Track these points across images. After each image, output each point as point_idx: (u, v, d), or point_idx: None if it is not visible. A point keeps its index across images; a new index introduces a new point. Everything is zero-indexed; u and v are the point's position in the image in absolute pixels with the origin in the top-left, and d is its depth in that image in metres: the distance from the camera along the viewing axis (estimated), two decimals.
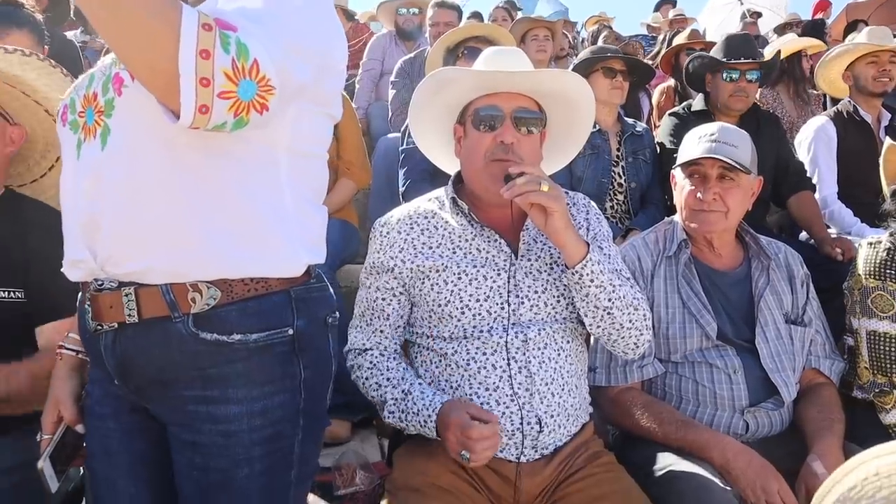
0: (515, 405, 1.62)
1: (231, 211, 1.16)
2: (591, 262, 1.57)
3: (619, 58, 3.24)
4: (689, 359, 1.98)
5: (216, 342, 1.17)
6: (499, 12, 6.42)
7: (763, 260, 2.12)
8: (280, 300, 1.22)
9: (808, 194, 3.23)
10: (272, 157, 1.20)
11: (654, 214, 3.14)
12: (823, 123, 3.51)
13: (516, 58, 1.80)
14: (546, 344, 1.67)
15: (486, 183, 1.67)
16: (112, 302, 1.18)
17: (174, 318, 1.16)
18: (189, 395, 1.19)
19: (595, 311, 1.62)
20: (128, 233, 1.14)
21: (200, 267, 1.16)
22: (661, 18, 9.25)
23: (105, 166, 1.13)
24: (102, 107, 1.14)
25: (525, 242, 1.72)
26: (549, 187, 1.53)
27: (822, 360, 2.10)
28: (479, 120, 1.69)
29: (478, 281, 1.67)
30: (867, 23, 7.29)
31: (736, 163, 1.97)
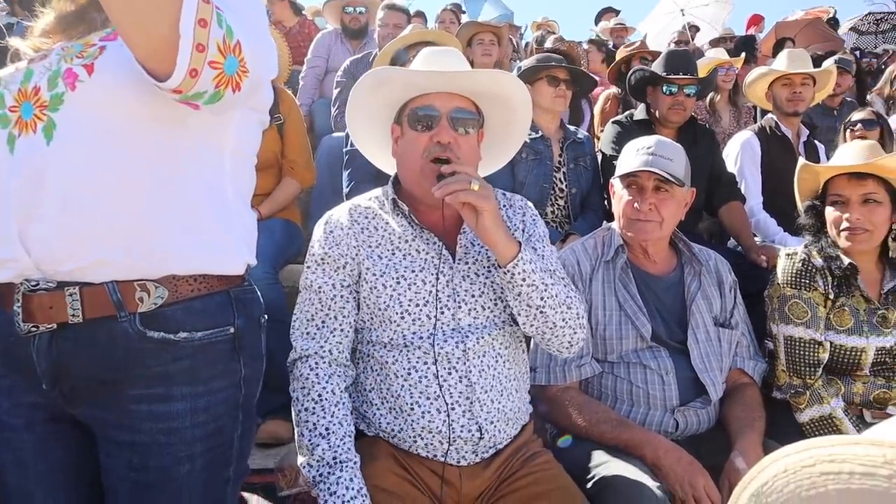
0: (456, 414, 1.63)
1: (180, 209, 1.18)
2: (523, 262, 1.59)
3: (563, 67, 3.31)
4: (625, 359, 2.07)
5: (163, 340, 1.17)
6: (446, 14, 6.46)
7: (695, 266, 2.23)
8: (222, 299, 1.25)
9: (737, 204, 3.40)
10: (219, 159, 1.25)
11: (593, 220, 3.23)
12: (749, 138, 3.71)
13: (453, 58, 1.80)
14: (485, 352, 1.68)
15: (421, 182, 1.67)
16: (52, 302, 1.14)
17: (120, 317, 1.15)
18: (131, 394, 1.18)
19: (528, 309, 1.64)
20: (74, 228, 1.12)
21: (149, 263, 1.16)
22: (606, 27, 9.48)
23: (50, 161, 1.11)
24: (47, 101, 1.12)
25: (462, 245, 1.73)
26: (479, 186, 1.55)
27: (746, 362, 2.23)
28: (416, 120, 1.70)
29: (416, 286, 1.67)
30: (794, 41, 7.69)
31: (671, 175, 2.07)
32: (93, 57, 1.12)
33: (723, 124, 5.01)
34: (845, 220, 2.21)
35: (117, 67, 1.11)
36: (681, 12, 9.04)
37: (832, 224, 2.27)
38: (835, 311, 2.24)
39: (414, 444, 1.65)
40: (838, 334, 2.22)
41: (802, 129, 3.81)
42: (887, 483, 0.47)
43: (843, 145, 2.73)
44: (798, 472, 0.54)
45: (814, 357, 2.19)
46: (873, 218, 2.19)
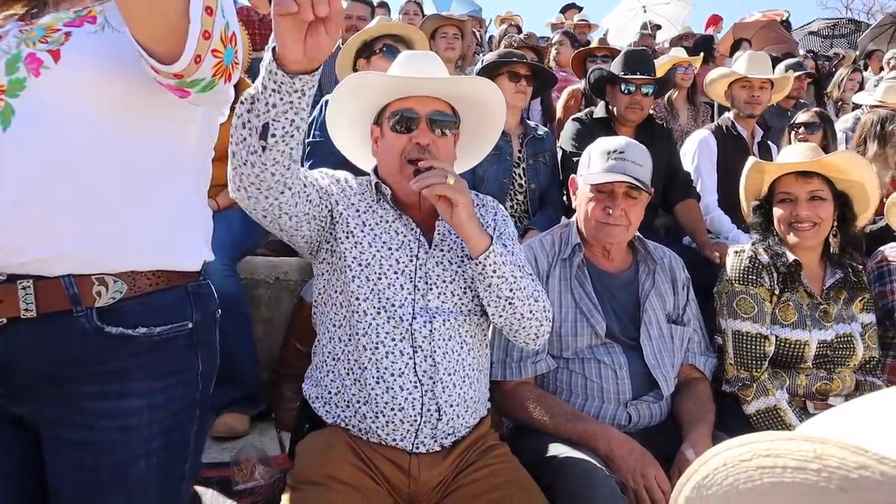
0: (419, 391, 1.67)
1: (141, 203, 1.17)
2: (494, 254, 1.67)
3: (524, 63, 3.34)
4: (580, 355, 2.11)
5: (120, 336, 1.15)
6: (410, 6, 6.46)
7: (650, 264, 2.28)
8: (180, 294, 1.24)
9: (692, 202, 3.47)
10: (181, 155, 1.24)
11: (552, 215, 3.27)
12: (706, 136, 3.80)
13: (432, 62, 1.87)
14: (451, 336, 1.74)
15: (400, 180, 1.75)
16: (3, 296, 1.10)
17: (76, 312, 1.12)
18: (86, 390, 1.15)
19: (497, 300, 1.71)
20: (29, 219, 1.08)
21: (108, 257, 1.14)
22: (563, 19, 9.57)
23: (6, 148, 1.06)
24: (4, 86, 1.07)
25: (440, 233, 1.80)
26: (454, 181, 1.62)
27: (697, 357, 2.29)
28: (396, 122, 1.76)
29: (393, 258, 1.74)
30: (751, 42, 7.87)
31: (642, 183, 2.12)
32: (58, 43, 1.09)
33: (681, 122, 5.10)
34: (794, 217, 2.31)
35: (85, 56, 1.09)
36: (643, 9, 9.19)
37: (781, 221, 2.36)
38: (780, 306, 2.33)
39: (375, 421, 1.67)
40: (783, 328, 2.31)
41: (757, 130, 3.93)
42: (816, 476, 0.49)
43: (787, 147, 2.83)
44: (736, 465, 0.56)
45: (760, 350, 2.27)
46: (820, 213, 2.30)
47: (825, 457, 0.50)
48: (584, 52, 5.20)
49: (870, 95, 4.97)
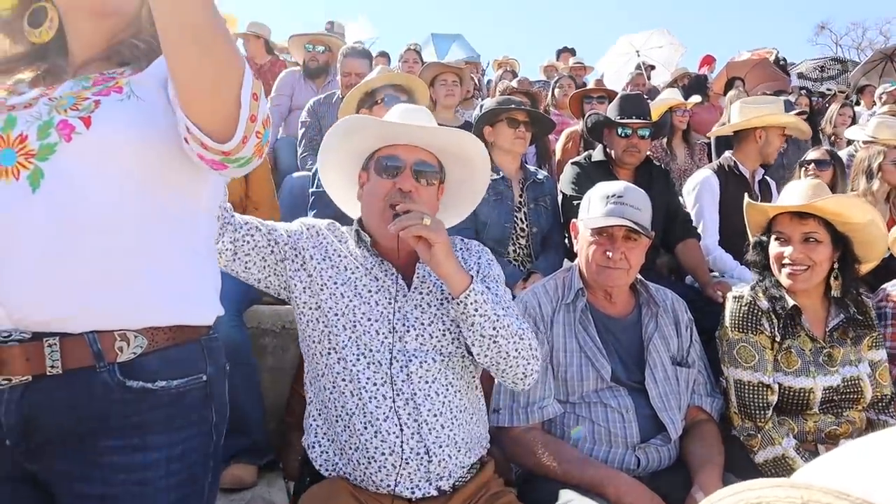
0: (404, 435, 1.69)
1: (161, 260, 1.21)
2: (475, 293, 1.69)
3: (522, 109, 3.41)
4: (586, 399, 2.12)
5: (141, 390, 1.18)
6: (409, 55, 6.59)
7: (652, 307, 2.30)
8: (194, 348, 1.27)
9: (693, 242, 3.50)
10: (194, 215, 1.29)
11: (555, 258, 3.31)
12: (708, 176, 3.79)
13: (422, 116, 1.94)
14: (433, 378, 1.76)
15: (380, 224, 1.78)
16: (29, 353, 1.11)
17: (99, 367, 1.14)
18: (106, 445, 1.17)
19: (481, 339, 1.71)
20: (55, 278, 1.11)
21: (129, 314, 1.17)
22: (556, 63, 9.75)
23: (34, 209, 1.10)
24: (35, 150, 1.12)
25: (419, 276, 1.84)
26: (431, 221, 1.66)
27: (704, 399, 2.29)
28: (382, 167, 1.82)
29: (369, 305, 1.77)
30: (744, 80, 8.01)
31: (641, 227, 2.15)
32: (89, 110, 1.14)
33: (678, 161, 5.18)
34: (787, 257, 2.29)
35: (114, 123, 1.15)
36: (636, 53, 9.37)
37: (774, 260, 2.35)
38: (782, 353, 2.30)
39: (368, 467, 1.69)
40: (786, 376, 2.27)
41: (758, 168, 3.93)
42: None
43: (791, 183, 2.84)
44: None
45: (763, 400, 2.23)
46: (813, 255, 2.26)
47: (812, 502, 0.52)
48: (581, 94, 5.30)
49: (861, 130, 5.04)
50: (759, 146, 3.79)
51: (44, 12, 1.24)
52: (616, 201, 2.21)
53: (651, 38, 9.79)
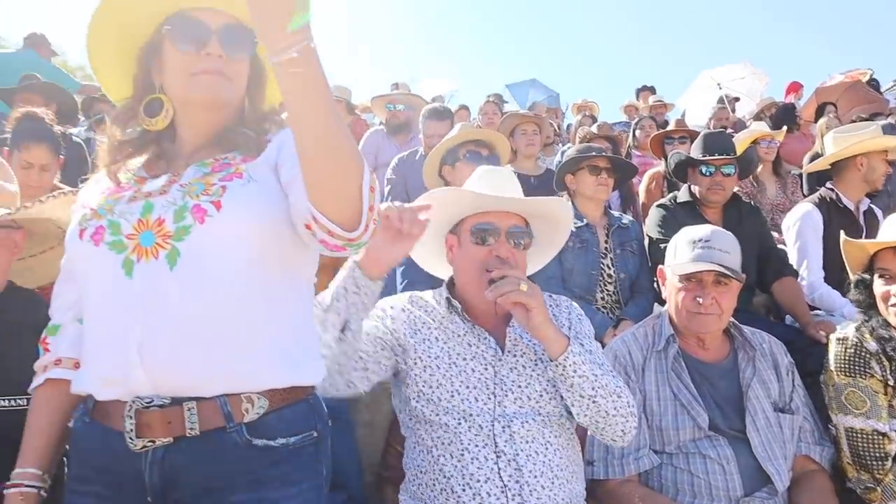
0: (506, 496, 1.69)
1: (279, 328, 1.33)
2: (573, 354, 1.72)
3: (603, 156, 3.43)
4: (683, 450, 2.06)
5: (265, 447, 1.28)
6: (489, 107, 6.72)
7: (748, 351, 2.23)
8: (305, 407, 1.37)
9: (790, 280, 3.36)
10: (302, 287, 1.42)
11: (644, 304, 3.25)
12: (809, 210, 3.59)
13: (508, 179, 2.02)
14: (533, 437, 1.76)
15: (479, 290, 1.82)
16: (171, 417, 1.23)
17: (229, 427, 1.25)
18: (233, 499, 1.26)
19: (580, 399, 1.73)
20: (191, 348, 1.23)
21: (254, 379, 1.28)
22: (637, 102, 9.68)
23: (172, 285, 1.23)
24: (171, 232, 1.25)
25: (511, 339, 1.86)
26: (528, 287, 1.71)
27: (812, 447, 2.18)
28: (476, 235, 1.89)
29: (466, 373, 1.80)
30: (836, 105, 7.69)
31: (730, 270, 2.12)
32: (218, 195, 1.28)
33: (768, 195, 4.99)
34: (894, 295, 2.17)
35: (241, 205, 1.28)
36: (717, 86, 9.19)
37: (880, 299, 2.22)
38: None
39: None
40: None
41: (863, 199, 3.72)
42: None
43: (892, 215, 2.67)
44: None
45: (879, 450, 2.10)
46: None
47: None
48: (661, 135, 5.25)
49: None
50: (862, 174, 3.60)
51: (159, 103, 1.39)
52: (703, 246, 2.19)
53: (732, 71, 9.58)
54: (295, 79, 1.07)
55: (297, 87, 1.09)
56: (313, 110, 1.12)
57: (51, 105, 4.98)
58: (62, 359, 1.43)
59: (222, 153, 1.40)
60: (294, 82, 1.08)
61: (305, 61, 1.06)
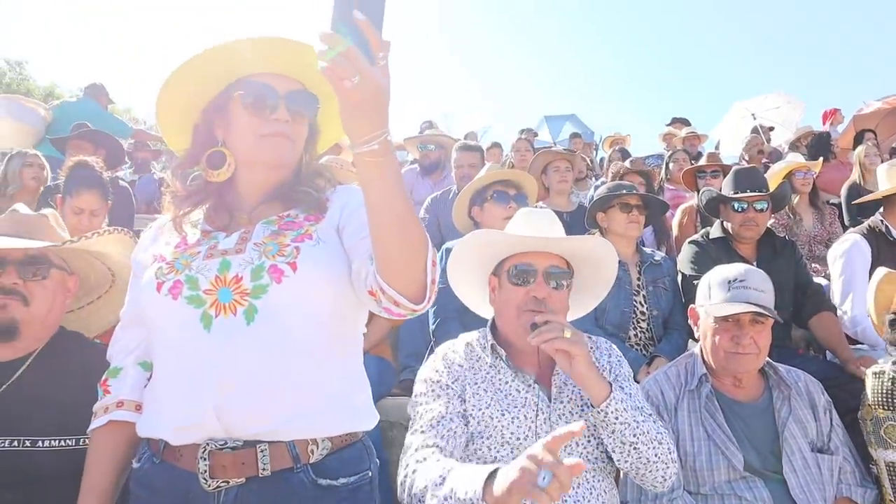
0: None
1: (342, 379, 1.43)
2: (615, 401, 1.72)
3: (634, 195, 3.45)
4: (719, 491, 2.04)
5: (328, 487, 1.36)
6: (521, 144, 6.82)
7: (784, 389, 2.21)
8: (360, 448, 1.46)
9: (828, 315, 3.29)
10: (356, 338, 1.52)
11: (678, 341, 3.23)
12: (857, 241, 3.50)
13: (548, 219, 2.04)
14: (580, 482, 1.77)
15: (518, 332, 1.86)
16: (245, 458, 1.32)
17: (296, 468, 1.34)
18: None
19: (622, 446, 1.74)
20: (264, 399, 1.32)
21: (321, 427, 1.37)
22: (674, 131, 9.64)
23: (249, 340, 1.32)
24: (249, 290, 1.34)
25: (556, 386, 1.88)
26: (571, 333, 1.72)
27: (853, 489, 2.14)
28: (515, 275, 1.92)
29: (518, 420, 1.80)
30: (875, 132, 7.57)
31: (768, 310, 2.13)
32: (293, 256, 1.37)
33: (805, 226, 4.92)
34: None
35: (314, 267, 1.38)
36: (752, 116, 9.14)
37: None
38: None
39: None
40: None
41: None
42: None
43: None
44: None
45: None
46: None
47: None
48: (694, 170, 5.24)
49: None
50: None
51: (221, 156, 1.48)
52: (739, 286, 2.20)
53: (766, 101, 9.54)
54: (374, 169, 1.17)
55: (376, 176, 1.19)
56: (389, 197, 1.21)
57: (100, 151, 5.23)
58: (124, 401, 1.51)
59: (283, 210, 1.49)
60: (373, 172, 1.18)
61: (383, 152, 1.16)
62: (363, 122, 1.13)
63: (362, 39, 1.07)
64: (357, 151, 1.16)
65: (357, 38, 1.06)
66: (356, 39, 1.06)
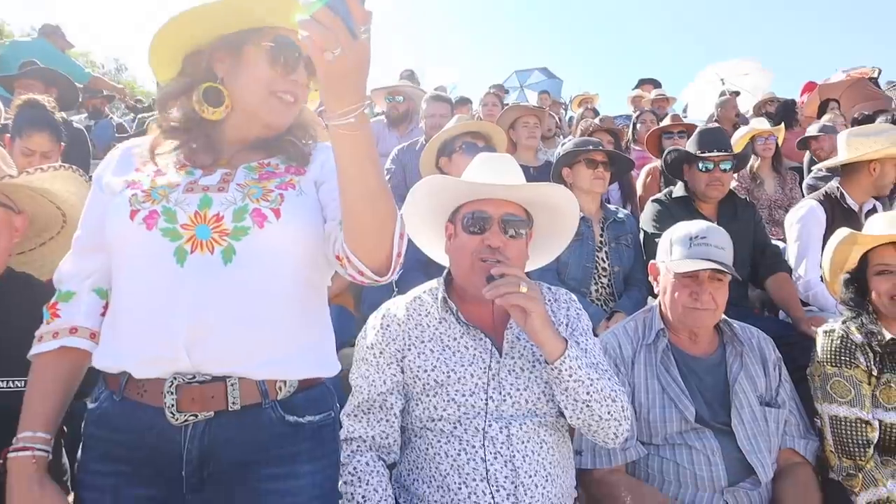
0: (500, 495, 1.69)
1: (311, 327, 1.44)
2: (570, 359, 1.69)
3: (600, 150, 3.45)
4: (670, 441, 2.10)
5: (295, 424, 1.38)
6: (489, 98, 6.74)
7: (737, 345, 2.26)
8: (325, 388, 1.48)
9: (783, 276, 3.38)
10: (324, 290, 1.52)
11: (638, 297, 3.28)
12: (813, 207, 3.55)
13: (507, 165, 1.96)
14: (529, 438, 1.75)
15: (473, 281, 1.81)
16: (214, 392, 1.31)
17: (265, 404, 1.35)
18: (264, 473, 1.34)
19: (574, 403, 1.72)
20: (238, 340, 1.31)
21: (290, 371, 1.38)
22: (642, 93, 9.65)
23: (224, 280, 1.30)
24: (229, 230, 1.33)
25: (509, 341, 1.84)
26: (528, 288, 1.66)
27: (796, 441, 2.21)
28: (469, 223, 1.85)
29: (464, 379, 1.77)
30: (839, 101, 7.69)
31: (727, 267, 2.16)
32: (277, 203, 1.37)
33: (767, 191, 5.00)
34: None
35: (295, 216, 1.37)
36: (721, 81, 9.18)
37: (882, 295, 2.26)
38: (881, 388, 2.20)
39: None
40: (887, 412, 2.17)
41: (869, 199, 3.67)
42: None
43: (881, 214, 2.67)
44: None
45: (862, 437, 2.15)
46: None
47: None
48: (659, 131, 5.26)
49: None
50: (872, 179, 3.54)
51: (217, 93, 1.43)
52: (700, 242, 2.21)
53: (738, 66, 9.58)
54: (349, 140, 1.19)
55: (350, 149, 1.21)
56: (362, 169, 1.23)
57: (51, 91, 5.00)
58: (78, 328, 1.44)
59: (265, 157, 1.47)
60: (348, 144, 1.20)
61: (359, 125, 1.17)
62: (341, 95, 1.14)
63: (345, 11, 1.06)
64: (333, 124, 1.16)
65: (340, 10, 1.05)
66: (339, 11, 1.05)
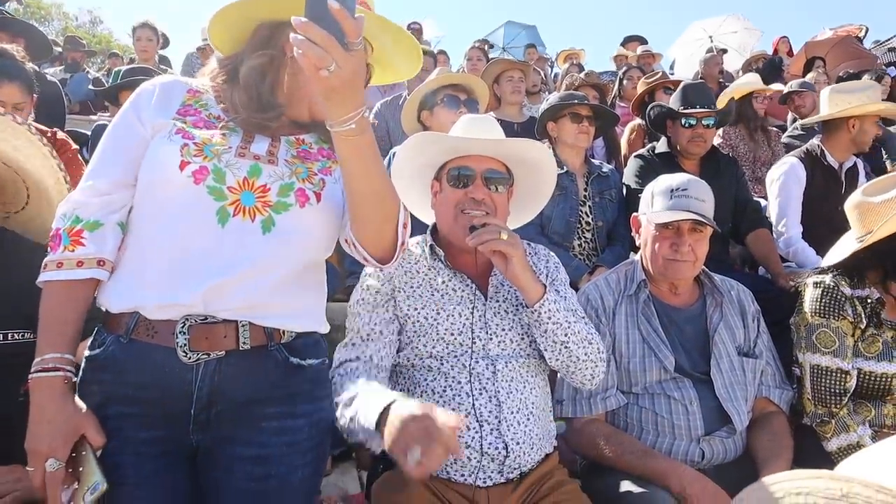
0: (485, 429, 1.76)
1: (318, 292, 1.56)
2: (548, 302, 1.79)
3: (585, 104, 3.41)
4: (649, 391, 2.13)
5: (297, 366, 1.47)
6: (474, 52, 6.63)
7: (717, 297, 2.28)
8: (319, 337, 1.58)
9: (764, 232, 3.41)
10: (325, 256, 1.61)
11: (620, 252, 3.30)
12: (794, 164, 3.57)
13: (489, 125, 2.03)
14: (513, 377, 1.84)
15: (455, 231, 1.90)
16: (226, 332, 1.38)
17: (270, 346, 1.43)
18: (269, 412, 1.43)
19: (553, 345, 1.82)
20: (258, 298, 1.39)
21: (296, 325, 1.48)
22: (626, 52, 9.55)
23: (262, 249, 1.38)
24: (272, 202, 1.40)
25: (493, 286, 1.93)
26: (507, 235, 1.77)
27: (772, 390, 2.26)
28: (453, 178, 1.93)
29: (452, 317, 1.86)
30: (824, 59, 7.66)
31: (706, 219, 2.16)
32: (319, 187, 1.46)
33: (750, 148, 4.99)
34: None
35: (333, 201, 1.48)
36: (709, 39, 9.10)
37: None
38: (864, 341, 2.24)
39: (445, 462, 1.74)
40: (867, 360, 2.22)
41: (850, 157, 3.69)
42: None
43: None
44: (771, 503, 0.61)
45: (840, 386, 2.19)
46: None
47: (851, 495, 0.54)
48: (646, 92, 5.20)
49: None
50: (852, 136, 3.56)
51: None
52: (681, 194, 2.22)
53: (725, 23, 9.49)
54: (351, 145, 1.28)
55: (352, 151, 1.30)
56: (366, 171, 1.33)
57: (18, 41, 4.78)
58: (105, 261, 1.40)
59: (298, 130, 1.52)
60: (350, 148, 1.29)
61: (360, 130, 1.25)
62: (340, 105, 1.21)
63: (336, 27, 1.11)
64: (334, 130, 1.24)
65: (331, 27, 1.10)
66: (331, 27, 1.10)
